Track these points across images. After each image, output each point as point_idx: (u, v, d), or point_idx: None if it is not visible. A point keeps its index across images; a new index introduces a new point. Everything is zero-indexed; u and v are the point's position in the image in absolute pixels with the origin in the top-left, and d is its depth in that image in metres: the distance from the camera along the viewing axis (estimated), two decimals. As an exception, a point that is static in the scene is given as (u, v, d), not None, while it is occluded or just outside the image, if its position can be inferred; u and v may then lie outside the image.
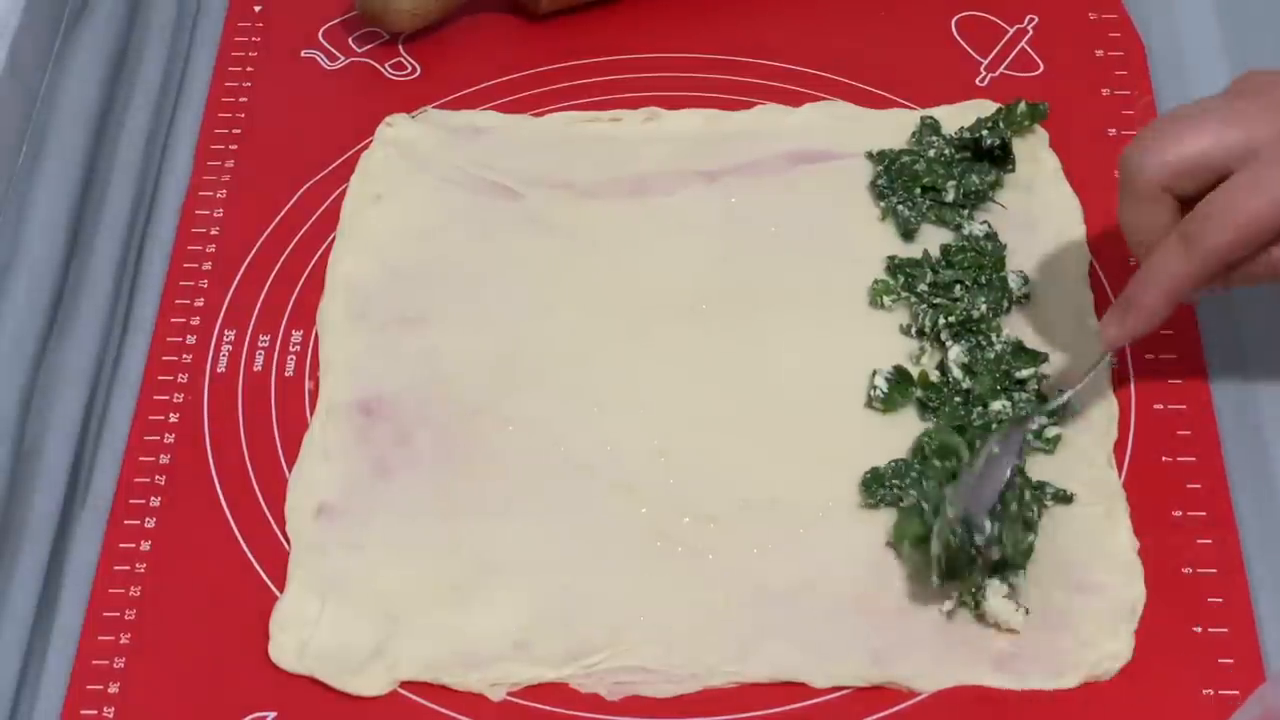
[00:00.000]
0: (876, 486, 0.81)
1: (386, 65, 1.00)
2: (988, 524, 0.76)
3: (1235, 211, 0.74)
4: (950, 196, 0.92)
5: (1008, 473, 0.77)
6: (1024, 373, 0.84)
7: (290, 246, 0.92)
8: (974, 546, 0.76)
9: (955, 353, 0.85)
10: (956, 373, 0.85)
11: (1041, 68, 0.98)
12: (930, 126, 0.94)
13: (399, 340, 0.88)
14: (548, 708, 0.76)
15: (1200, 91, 0.95)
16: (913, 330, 0.87)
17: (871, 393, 0.85)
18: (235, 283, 0.91)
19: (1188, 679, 0.76)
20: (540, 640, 0.78)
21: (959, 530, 0.76)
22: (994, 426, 0.82)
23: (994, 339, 0.85)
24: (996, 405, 0.83)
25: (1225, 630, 0.77)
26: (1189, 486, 0.82)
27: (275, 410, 0.86)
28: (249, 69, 1.00)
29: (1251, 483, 0.82)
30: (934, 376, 0.85)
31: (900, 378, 0.85)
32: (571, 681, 0.77)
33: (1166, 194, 0.77)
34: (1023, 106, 0.94)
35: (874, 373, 0.85)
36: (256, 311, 0.89)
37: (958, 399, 0.84)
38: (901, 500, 0.81)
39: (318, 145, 0.96)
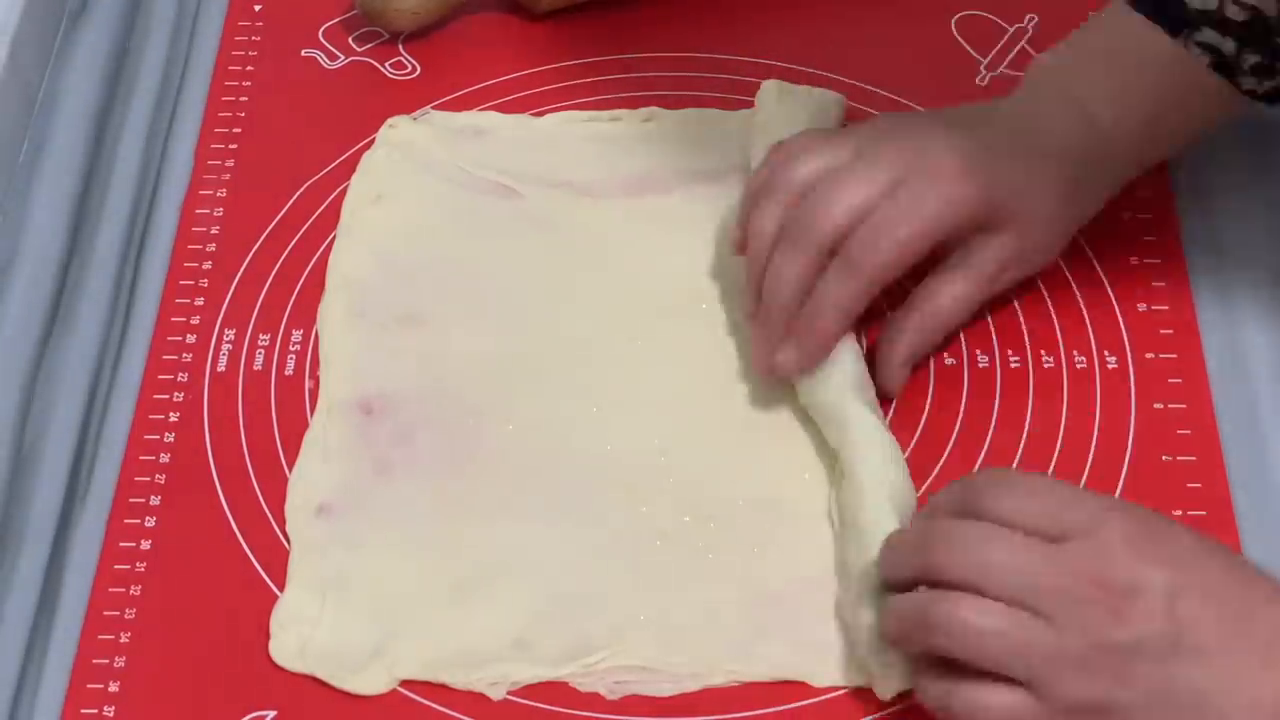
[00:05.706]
0: None
1: (386, 65, 1.00)
2: None
3: (894, 234, 0.80)
4: (950, 196, 0.92)
5: None
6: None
7: (290, 246, 0.92)
8: None
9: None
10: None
11: (1041, 67, 0.98)
12: (930, 126, 0.94)
13: (399, 339, 0.88)
14: (548, 707, 0.76)
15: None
16: (913, 330, 0.87)
17: (872, 392, 0.85)
18: (235, 283, 0.90)
19: (1188, 678, 0.76)
20: (540, 640, 0.78)
21: None
22: None
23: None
24: None
25: (1225, 630, 0.77)
26: (1189, 486, 0.81)
27: (275, 410, 0.86)
28: (249, 69, 1.00)
29: (1251, 483, 0.82)
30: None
31: (900, 377, 0.85)
32: (571, 681, 0.77)
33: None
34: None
35: (874, 372, 0.85)
36: (256, 311, 0.89)
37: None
38: None
39: (318, 145, 0.96)
